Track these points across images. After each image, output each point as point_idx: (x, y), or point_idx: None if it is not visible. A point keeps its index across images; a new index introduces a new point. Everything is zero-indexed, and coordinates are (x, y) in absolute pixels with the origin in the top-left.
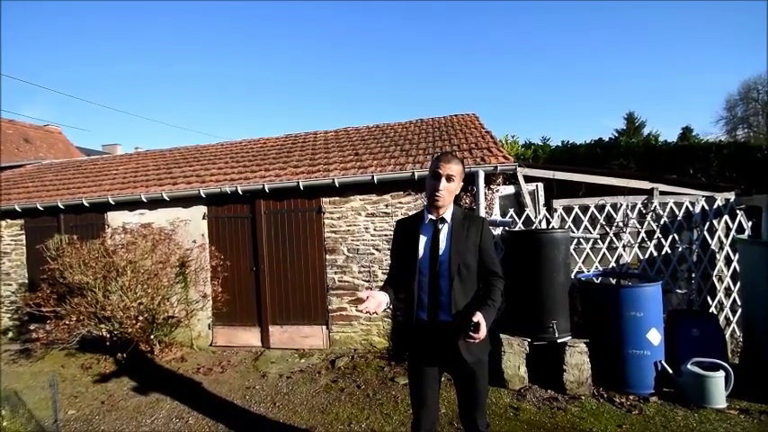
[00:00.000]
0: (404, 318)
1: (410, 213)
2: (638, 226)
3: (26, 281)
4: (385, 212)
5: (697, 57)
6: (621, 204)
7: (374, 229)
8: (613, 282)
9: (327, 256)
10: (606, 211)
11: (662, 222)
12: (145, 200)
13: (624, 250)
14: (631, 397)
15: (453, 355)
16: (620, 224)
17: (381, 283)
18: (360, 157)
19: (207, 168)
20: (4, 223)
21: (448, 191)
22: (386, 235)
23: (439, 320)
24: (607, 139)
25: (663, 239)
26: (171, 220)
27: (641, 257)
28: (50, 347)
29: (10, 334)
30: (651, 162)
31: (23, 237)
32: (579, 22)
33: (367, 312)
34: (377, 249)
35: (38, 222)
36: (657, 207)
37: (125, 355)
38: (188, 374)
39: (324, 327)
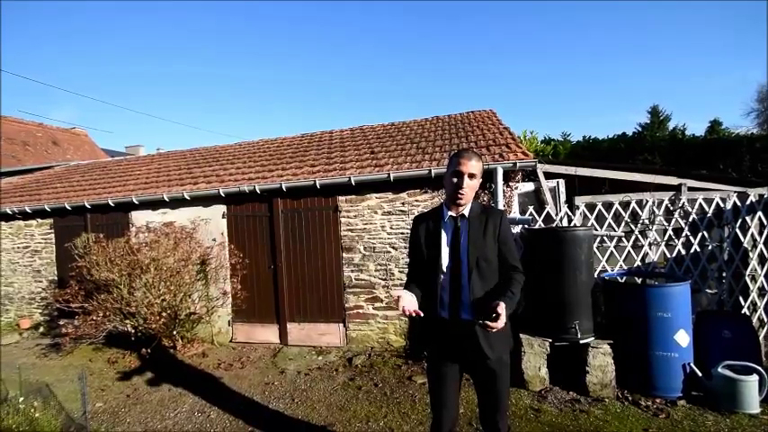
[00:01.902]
0: (423, 317)
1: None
2: (665, 223)
3: (56, 278)
4: (401, 210)
5: (726, 48)
6: (647, 201)
7: (390, 228)
8: (639, 281)
9: (344, 255)
10: (631, 208)
11: (690, 219)
12: (167, 199)
13: (650, 249)
14: (658, 400)
15: (474, 354)
16: (646, 221)
17: (398, 282)
18: (376, 156)
19: (226, 168)
20: (35, 222)
21: (471, 188)
22: (402, 233)
23: (460, 319)
24: (631, 134)
25: (691, 237)
26: (192, 219)
27: (668, 256)
28: (79, 342)
29: (41, 329)
30: (678, 157)
31: (53, 235)
32: (602, 18)
33: (408, 313)
34: (393, 248)
35: (66, 221)
36: (686, 203)
37: (149, 350)
38: (209, 370)
39: (341, 324)
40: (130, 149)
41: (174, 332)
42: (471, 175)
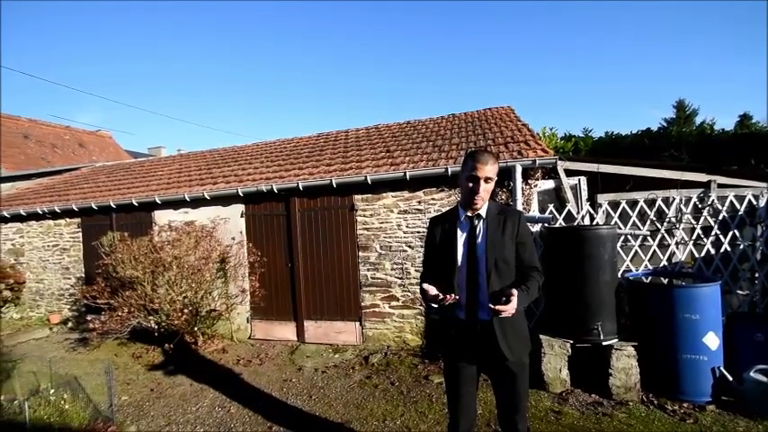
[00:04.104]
0: (440, 316)
1: (443, 210)
2: (693, 221)
3: (83, 275)
4: (418, 209)
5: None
6: (674, 198)
7: (407, 226)
8: (665, 282)
9: (360, 253)
10: (657, 205)
11: (720, 217)
12: (188, 199)
13: (677, 248)
14: (685, 405)
15: (493, 355)
16: (673, 220)
17: (414, 281)
18: (391, 154)
19: (244, 168)
20: (63, 222)
21: (486, 192)
22: (418, 232)
23: (478, 320)
24: (656, 129)
25: (721, 236)
26: (212, 218)
27: (696, 256)
28: (105, 337)
29: (70, 324)
30: (706, 152)
31: (80, 234)
32: (626, 14)
33: (449, 300)
34: (409, 246)
35: (93, 221)
36: (715, 201)
37: (172, 346)
38: (229, 365)
39: (357, 323)
40: (152, 150)
41: (196, 328)
42: (487, 179)
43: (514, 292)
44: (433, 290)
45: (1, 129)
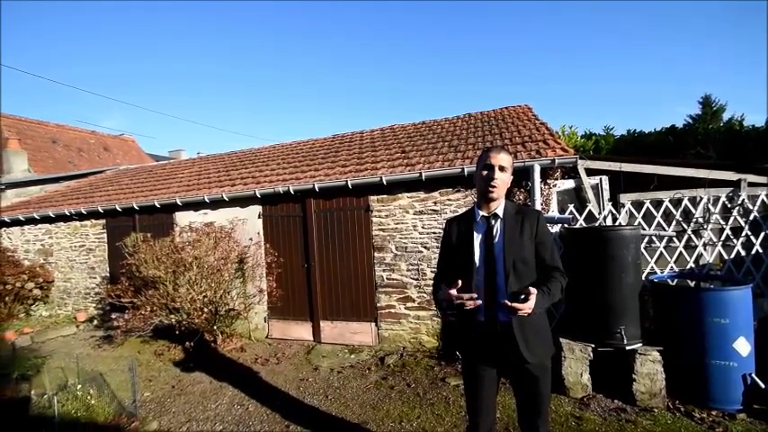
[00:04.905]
0: (458, 319)
1: (459, 211)
2: (722, 222)
3: (108, 274)
4: (433, 210)
5: None
6: (701, 198)
7: (422, 227)
8: (692, 284)
9: (376, 254)
10: (683, 205)
11: (751, 217)
12: (207, 200)
13: (705, 249)
14: (714, 413)
15: (513, 358)
16: (700, 220)
17: (430, 282)
18: (407, 155)
19: (261, 170)
20: (89, 223)
21: (502, 182)
22: (434, 233)
23: (497, 321)
24: (681, 126)
25: (753, 237)
26: (230, 219)
27: (726, 257)
28: (128, 335)
29: (95, 321)
30: (735, 149)
31: (105, 235)
32: (649, 9)
33: (471, 305)
34: (425, 247)
35: (117, 222)
36: (746, 200)
37: (192, 344)
38: (247, 364)
39: (372, 324)
40: (173, 153)
41: (215, 327)
42: (502, 168)
43: (533, 290)
44: (451, 291)
45: (2, 129)
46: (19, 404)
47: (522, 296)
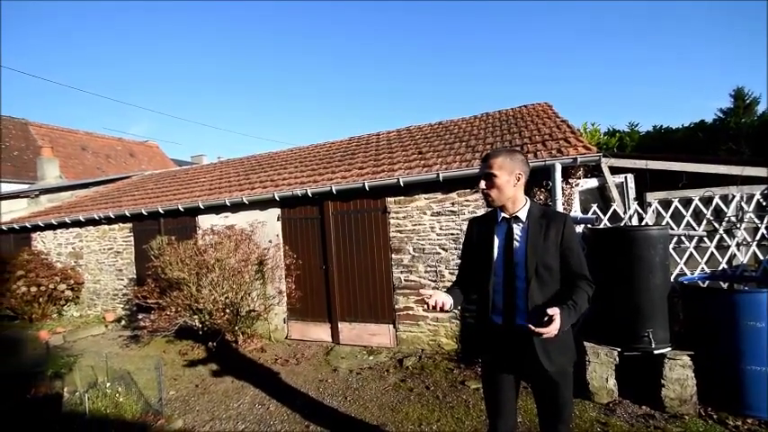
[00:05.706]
0: (476, 321)
1: (478, 212)
2: (757, 221)
3: (135, 276)
4: (451, 211)
5: None
6: (734, 196)
7: (440, 229)
8: (725, 286)
9: (393, 256)
10: (714, 204)
11: None
12: (228, 204)
13: (738, 249)
14: (749, 420)
15: (532, 363)
16: (733, 219)
17: (449, 284)
18: (424, 156)
19: (279, 173)
20: (117, 226)
21: (497, 188)
22: (452, 234)
23: (515, 325)
24: (711, 121)
25: None
26: (250, 222)
27: (761, 258)
28: (154, 335)
29: (123, 322)
30: None
31: (132, 238)
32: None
33: (432, 308)
34: (443, 249)
35: (143, 225)
36: None
37: (215, 344)
38: (267, 364)
39: (391, 325)
40: (195, 158)
41: (236, 328)
42: (488, 176)
43: (557, 309)
44: (436, 296)
45: (1, 131)
46: (52, 400)
47: (546, 318)
